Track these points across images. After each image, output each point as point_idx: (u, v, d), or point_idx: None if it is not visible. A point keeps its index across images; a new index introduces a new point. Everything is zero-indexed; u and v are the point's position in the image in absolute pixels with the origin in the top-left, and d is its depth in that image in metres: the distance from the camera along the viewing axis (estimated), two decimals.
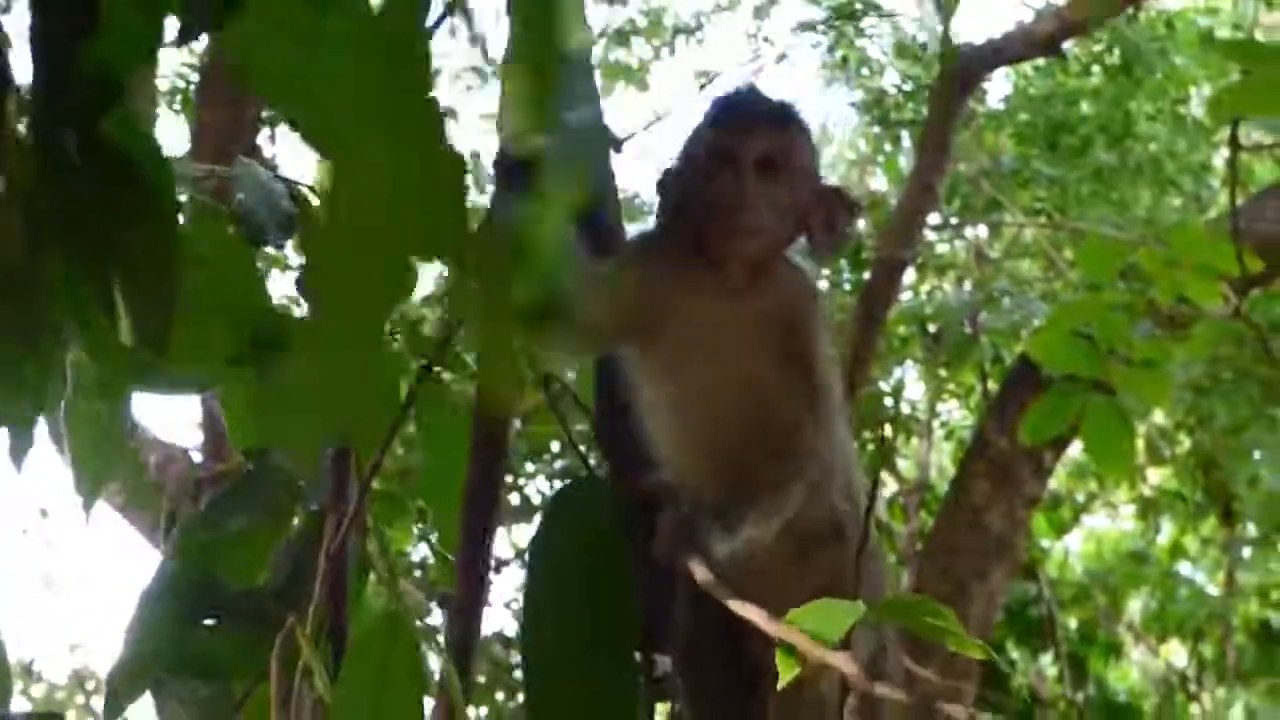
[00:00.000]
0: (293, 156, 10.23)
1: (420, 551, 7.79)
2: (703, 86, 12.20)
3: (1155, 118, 9.31)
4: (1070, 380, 3.53)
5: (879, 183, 11.27)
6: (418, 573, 8.14)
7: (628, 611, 2.11)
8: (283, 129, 8.76)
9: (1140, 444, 9.51)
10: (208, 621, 2.22)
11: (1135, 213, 8.85)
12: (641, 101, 12.53)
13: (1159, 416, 9.51)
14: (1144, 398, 3.61)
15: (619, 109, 12.13)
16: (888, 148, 10.93)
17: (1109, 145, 9.16)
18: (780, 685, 1.66)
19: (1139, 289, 3.67)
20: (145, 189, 1.69)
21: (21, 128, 1.70)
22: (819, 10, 10.42)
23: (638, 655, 2.17)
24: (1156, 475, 10.95)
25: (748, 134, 2.08)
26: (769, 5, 11.77)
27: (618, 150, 2.40)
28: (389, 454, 2.14)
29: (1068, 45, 8.10)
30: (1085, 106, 9.30)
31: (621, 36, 12.08)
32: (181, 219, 1.80)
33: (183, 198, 2.43)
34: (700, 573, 1.88)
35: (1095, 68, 9.52)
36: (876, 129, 10.77)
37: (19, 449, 1.89)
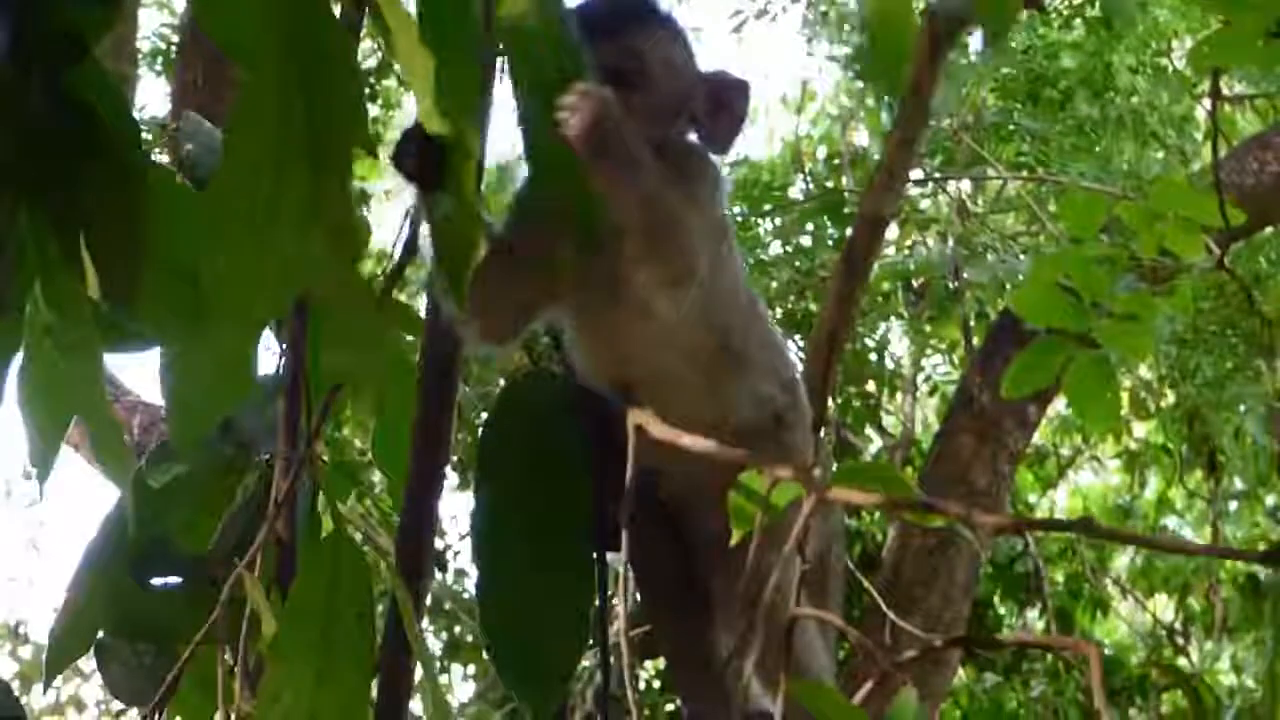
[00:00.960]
0: None
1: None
2: None
3: (1137, 70, 9.27)
4: (1053, 334, 3.51)
5: (861, 138, 11.25)
6: None
7: (580, 499, 2.09)
8: None
9: (1125, 398, 9.51)
10: (154, 581, 2.19)
11: (1117, 166, 8.82)
12: None
13: (1144, 370, 9.51)
14: (1127, 351, 3.60)
15: None
16: (870, 103, 10.89)
17: (1090, 99, 9.12)
18: (730, 545, 1.66)
19: (1121, 242, 3.65)
20: (110, 144, 1.69)
21: None
22: None
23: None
24: (1142, 429, 10.95)
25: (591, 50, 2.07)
26: None
27: None
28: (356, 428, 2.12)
29: None
30: (1066, 60, 9.25)
31: None
32: None
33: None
34: (657, 429, 1.88)
35: (1076, 21, 9.48)
36: (860, 85, 10.73)
37: None
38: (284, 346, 2.13)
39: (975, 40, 10.25)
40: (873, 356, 10.53)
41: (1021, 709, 9.98)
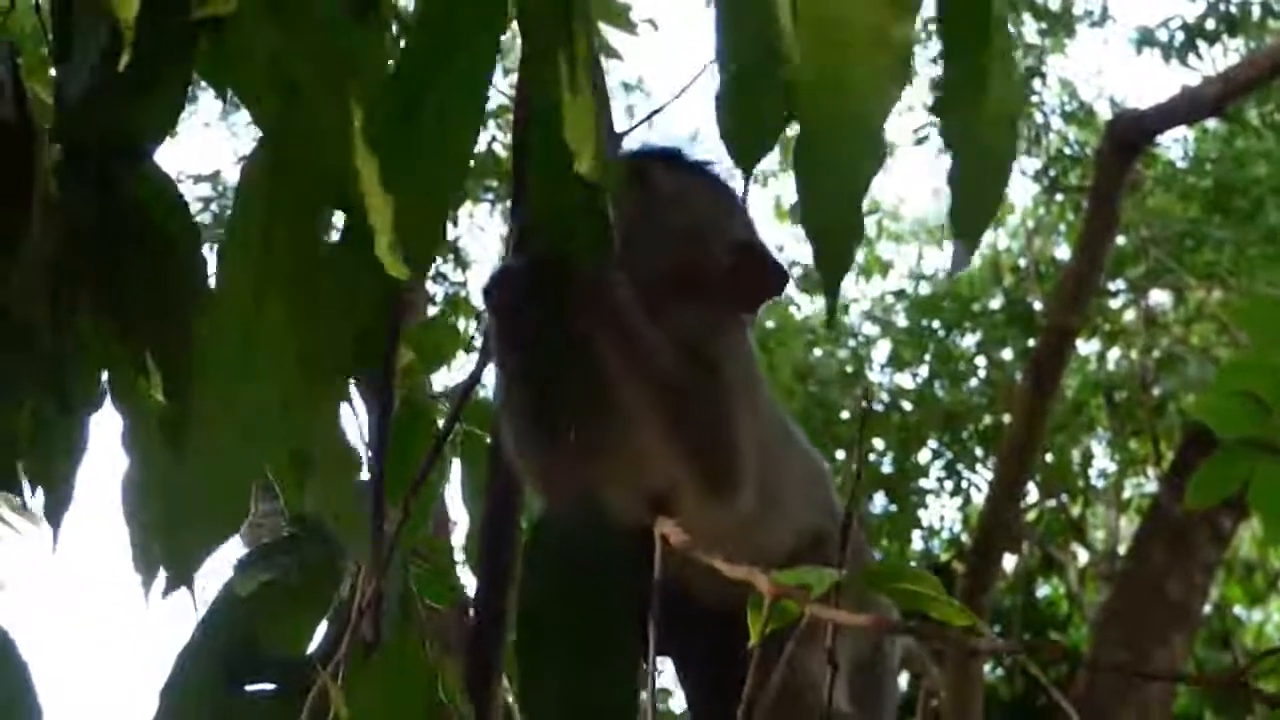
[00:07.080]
0: None
1: None
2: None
3: None
4: (1241, 443, 3.48)
5: (1062, 251, 11.12)
6: None
7: (623, 602, 2.07)
8: None
9: None
10: (248, 688, 2.19)
11: None
12: None
13: None
14: None
15: None
16: (1070, 216, 10.82)
17: None
18: (755, 657, 1.66)
19: None
20: (162, 246, 1.72)
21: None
22: None
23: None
24: None
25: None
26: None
27: None
28: None
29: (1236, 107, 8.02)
30: (1256, 168, 9.15)
31: None
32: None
33: None
34: (676, 535, 1.87)
35: (1267, 131, 9.38)
36: (1060, 196, 10.68)
37: (56, 509, 1.90)
38: (368, 449, 2.14)
39: (1165, 148, 10.20)
40: (1075, 468, 10.44)
41: None
